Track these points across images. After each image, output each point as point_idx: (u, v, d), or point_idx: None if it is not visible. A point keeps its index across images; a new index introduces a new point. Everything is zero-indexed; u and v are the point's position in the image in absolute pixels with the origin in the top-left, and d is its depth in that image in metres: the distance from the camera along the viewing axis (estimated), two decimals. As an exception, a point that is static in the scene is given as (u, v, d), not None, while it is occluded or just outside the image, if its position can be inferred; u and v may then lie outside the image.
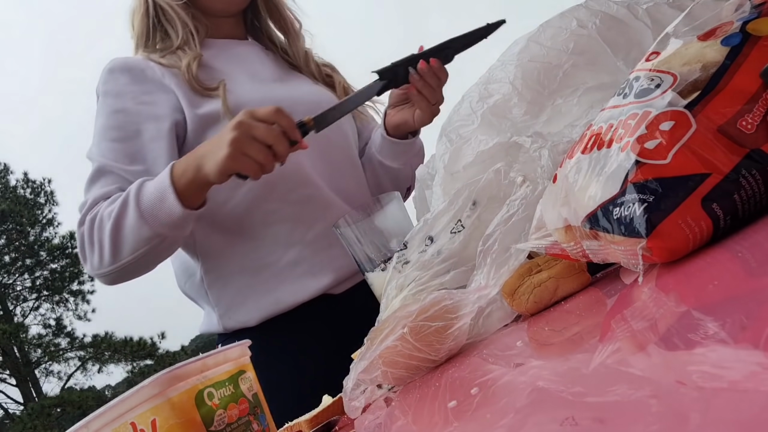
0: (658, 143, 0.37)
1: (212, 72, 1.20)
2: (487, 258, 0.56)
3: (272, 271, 1.16)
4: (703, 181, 0.36)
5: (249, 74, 1.24)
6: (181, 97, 1.15)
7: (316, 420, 0.71)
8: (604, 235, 0.41)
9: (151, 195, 1.02)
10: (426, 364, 0.57)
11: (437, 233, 0.69)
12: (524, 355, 0.42)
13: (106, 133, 1.15)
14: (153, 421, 0.53)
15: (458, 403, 0.38)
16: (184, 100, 1.15)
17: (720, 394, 0.20)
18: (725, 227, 0.37)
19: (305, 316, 1.16)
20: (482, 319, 0.61)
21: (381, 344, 0.56)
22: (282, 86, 1.26)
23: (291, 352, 1.15)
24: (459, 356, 0.58)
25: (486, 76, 0.79)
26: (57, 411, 15.99)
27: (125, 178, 1.11)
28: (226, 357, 0.63)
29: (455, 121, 0.79)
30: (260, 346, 0.82)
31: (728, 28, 0.39)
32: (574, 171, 0.44)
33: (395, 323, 0.56)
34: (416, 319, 0.54)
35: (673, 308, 0.32)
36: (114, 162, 1.12)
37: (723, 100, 0.37)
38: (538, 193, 0.58)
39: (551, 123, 0.72)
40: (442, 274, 0.67)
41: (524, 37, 0.78)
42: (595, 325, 0.37)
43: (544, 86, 0.73)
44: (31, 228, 18.42)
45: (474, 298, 0.54)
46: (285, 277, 1.16)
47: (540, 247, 0.50)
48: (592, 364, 0.31)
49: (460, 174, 0.74)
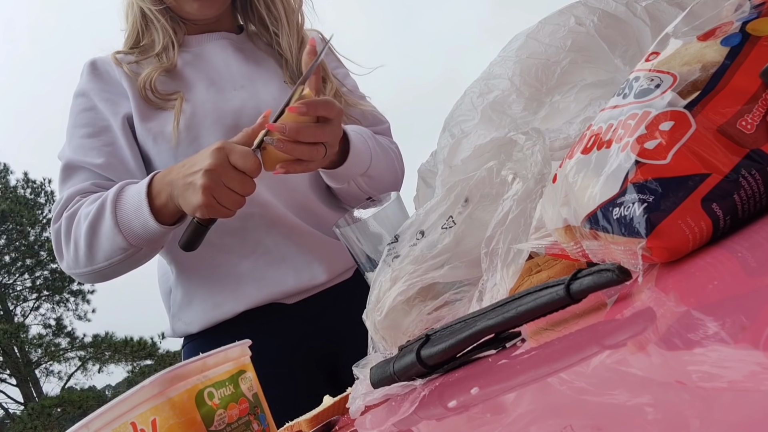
0: (658, 143, 0.37)
1: (173, 81, 1.17)
2: (496, 260, 0.56)
3: (222, 279, 1.15)
4: (702, 181, 0.36)
5: (209, 81, 1.19)
6: (134, 107, 1.14)
7: (316, 420, 0.71)
8: (604, 235, 0.41)
9: (128, 205, 1.01)
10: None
11: (428, 228, 0.69)
12: (524, 355, 0.42)
13: (75, 131, 1.15)
14: (153, 420, 0.54)
15: (458, 403, 0.38)
16: (136, 111, 1.14)
17: (720, 394, 0.20)
18: (725, 227, 0.37)
19: (251, 324, 1.14)
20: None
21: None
22: (242, 93, 1.18)
23: None
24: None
25: (487, 72, 0.79)
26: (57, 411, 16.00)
27: (96, 173, 1.11)
28: (226, 357, 0.63)
29: (458, 115, 0.79)
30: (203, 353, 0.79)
31: (728, 28, 0.39)
32: (574, 171, 0.44)
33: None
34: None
35: (673, 308, 0.32)
36: (83, 157, 1.12)
37: (723, 100, 0.37)
38: (530, 190, 0.58)
39: (549, 119, 0.72)
40: (437, 268, 0.67)
41: (523, 33, 0.79)
42: (594, 325, 0.37)
43: (542, 83, 0.73)
44: (31, 228, 18.40)
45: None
46: (233, 286, 1.14)
47: (540, 247, 0.50)
48: (592, 364, 0.31)
49: (459, 167, 0.74)
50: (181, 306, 1.18)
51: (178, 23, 1.21)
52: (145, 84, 1.13)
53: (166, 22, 1.18)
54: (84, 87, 1.17)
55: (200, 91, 1.17)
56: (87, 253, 1.05)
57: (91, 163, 1.11)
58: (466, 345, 0.46)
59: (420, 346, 0.50)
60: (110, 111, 1.14)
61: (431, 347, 0.48)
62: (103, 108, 1.15)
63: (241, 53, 1.25)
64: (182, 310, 1.18)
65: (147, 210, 0.99)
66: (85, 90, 1.17)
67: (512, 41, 0.79)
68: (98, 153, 1.12)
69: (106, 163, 1.11)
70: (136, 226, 1.01)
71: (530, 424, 0.28)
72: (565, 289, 0.39)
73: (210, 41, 1.25)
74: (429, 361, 0.48)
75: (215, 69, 1.21)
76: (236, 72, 1.21)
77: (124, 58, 1.19)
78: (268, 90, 1.20)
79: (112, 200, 1.02)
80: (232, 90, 1.18)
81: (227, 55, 1.23)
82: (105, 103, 1.15)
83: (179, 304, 1.18)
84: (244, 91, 1.19)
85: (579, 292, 0.39)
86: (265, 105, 1.14)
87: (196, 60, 1.21)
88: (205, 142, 1.11)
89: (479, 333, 0.45)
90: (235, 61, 1.23)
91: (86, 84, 1.17)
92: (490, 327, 0.44)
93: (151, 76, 1.14)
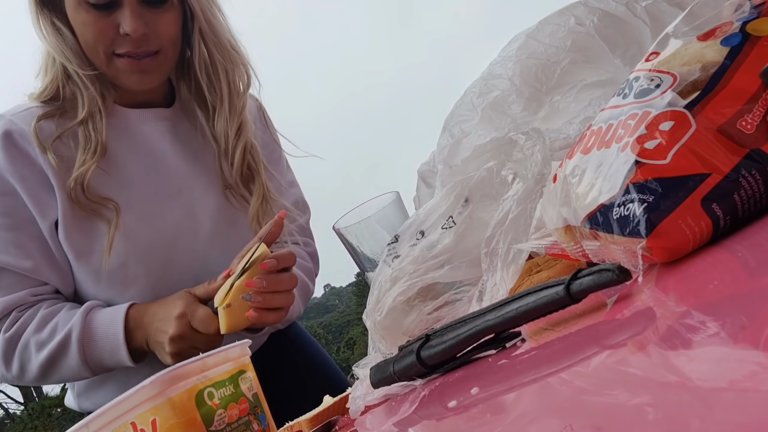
0: (658, 143, 0.37)
1: (106, 175, 1.02)
2: (496, 260, 0.56)
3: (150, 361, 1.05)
4: (702, 181, 0.36)
5: (145, 174, 1.06)
6: (60, 208, 0.99)
7: (316, 420, 0.71)
8: (604, 235, 0.41)
9: (101, 344, 0.97)
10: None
11: (428, 228, 0.69)
12: (524, 355, 0.42)
13: None
14: (153, 420, 0.54)
15: (458, 403, 0.38)
16: (61, 213, 0.99)
17: (720, 394, 0.20)
18: (725, 227, 0.37)
19: None
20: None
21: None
22: (178, 203, 1.06)
23: None
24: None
25: (487, 72, 0.79)
26: (57, 411, 15.99)
27: (27, 277, 1.00)
28: (226, 357, 0.63)
29: (458, 115, 0.79)
30: None
31: (728, 28, 0.39)
32: (574, 171, 0.44)
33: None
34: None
35: (673, 308, 0.32)
36: (7, 257, 0.98)
37: (723, 100, 0.37)
38: (530, 190, 0.58)
39: (549, 119, 0.72)
40: (437, 268, 0.67)
41: (523, 33, 0.79)
42: (594, 325, 0.38)
43: (542, 83, 0.73)
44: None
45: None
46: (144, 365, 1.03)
47: (540, 247, 0.50)
48: (592, 364, 0.31)
49: (458, 167, 0.74)
50: (89, 385, 1.10)
51: (108, 89, 1.05)
52: (77, 182, 0.98)
53: (95, 89, 1.01)
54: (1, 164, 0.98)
55: (135, 198, 1.03)
56: (37, 376, 1.00)
57: (19, 267, 0.99)
58: (466, 345, 0.46)
59: (420, 346, 0.50)
60: (33, 205, 0.99)
61: (431, 347, 0.48)
62: (26, 198, 0.99)
63: (177, 138, 1.12)
64: (91, 390, 1.10)
65: (125, 353, 0.96)
66: (2, 168, 0.98)
67: (512, 41, 0.79)
68: (25, 252, 0.99)
69: (36, 267, 0.99)
70: (108, 362, 0.98)
71: (530, 424, 0.28)
72: (565, 289, 0.39)
73: (145, 121, 1.10)
74: (429, 361, 0.49)
75: (151, 158, 1.08)
76: (173, 166, 1.09)
77: (45, 128, 1.00)
78: (206, 202, 1.09)
79: (78, 337, 0.96)
80: (168, 198, 1.06)
81: (164, 141, 1.10)
82: (28, 194, 0.98)
83: (87, 383, 1.10)
84: (181, 199, 1.07)
85: (579, 292, 0.39)
86: (203, 227, 1.07)
87: (128, 138, 1.07)
88: (131, 276, 1.02)
89: (479, 333, 0.45)
90: (172, 150, 1.10)
91: (1, 162, 0.98)
92: (490, 327, 0.44)
93: (85, 174, 0.98)
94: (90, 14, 0.96)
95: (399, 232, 0.72)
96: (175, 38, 1.03)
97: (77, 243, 1.00)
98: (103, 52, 0.99)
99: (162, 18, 1.00)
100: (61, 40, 1.00)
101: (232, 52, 1.10)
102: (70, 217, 0.99)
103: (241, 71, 1.12)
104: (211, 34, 1.07)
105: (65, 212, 0.99)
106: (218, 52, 1.08)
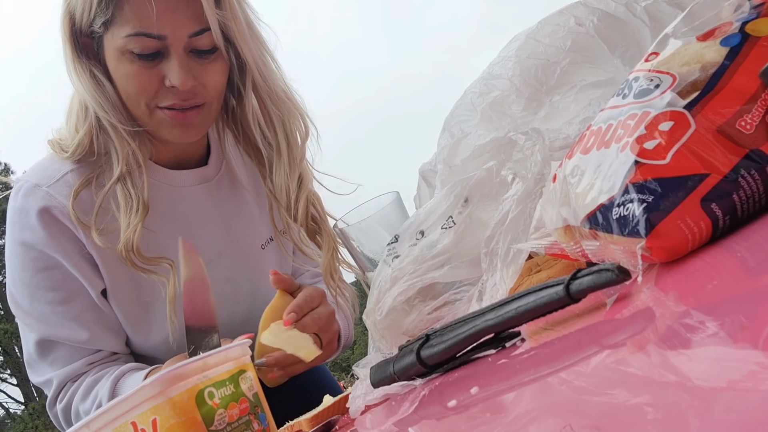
0: (658, 143, 0.37)
1: (153, 234, 0.97)
2: (495, 260, 0.56)
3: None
4: (702, 181, 0.36)
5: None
6: (106, 277, 0.97)
7: (316, 419, 0.71)
8: (603, 235, 0.41)
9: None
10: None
11: (428, 228, 0.70)
12: (524, 355, 0.42)
13: (38, 294, 0.96)
14: (154, 420, 0.54)
15: (458, 403, 0.38)
16: (110, 285, 0.97)
17: (720, 394, 0.20)
18: (724, 227, 0.37)
19: None
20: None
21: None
22: (218, 268, 1.03)
23: None
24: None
25: (486, 72, 0.79)
26: (57, 410, 15.94)
27: (83, 348, 0.99)
28: (226, 356, 0.63)
29: (458, 115, 0.79)
30: None
31: (727, 28, 0.39)
32: (574, 171, 0.44)
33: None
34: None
35: (673, 308, 0.32)
36: (61, 332, 0.97)
37: (722, 100, 0.37)
38: (530, 190, 0.58)
39: (549, 119, 0.72)
40: (437, 268, 0.67)
41: (523, 33, 0.79)
42: (594, 325, 0.38)
43: (541, 83, 0.74)
44: (31, 227, 18.34)
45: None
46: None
47: (539, 247, 0.50)
48: (591, 364, 0.31)
49: (458, 167, 0.74)
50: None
51: (145, 143, 0.98)
52: (127, 248, 0.92)
53: (134, 144, 0.95)
54: (38, 240, 0.94)
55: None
56: None
57: (75, 339, 0.97)
58: (466, 345, 0.46)
59: (420, 346, 0.50)
60: (81, 275, 0.96)
61: (431, 347, 0.49)
62: (72, 270, 0.96)
63: (219, 200, 1.07)
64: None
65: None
66: (39, 244, 0.94)
67: (512, 41, 0.79)
68: (79, 324, 0.97)
69: (91, 338, 0.98)
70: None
71: (530, 424, 0.28)
72: (565, 289, 0.39)
73: (185, 183, 1.04)
74: (429, 361, 0.49)
75: (188, 224, 1.03)
76: (213, 231, 1.04)
77: (84, 200, 0.95)
78: (246, 263, 1.06)
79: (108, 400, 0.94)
80: (207, 264, 0.95)
81: (205, 204, 1.05)
82: (73, 266, 0.95)
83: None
84: (221, 264, 1.03)
85: (578, 292, 0.39)
86: (242, 291, 1.05)
87: (165, 200, 1.02)
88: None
89: (479, 333, 0.45)
90: (213, 212, 1.06)
91: (42, 239, 0.94)
92: (490, 327, 0.44)
93: (131, 238, 0.92)
94: (134, 65, 0.90)
95: (399, 232, 0.72)
96: (221, 90, 0.98)
97: (131, 314, 0.99)
98: (145, 105, 0.93)
99: (209, 69, 0.94)
100: (100, 92, 0.93)
101: (288, 102, 1.03)
102: (116, 276, 0.97)
103: (298, 121, 1.05)
104: (264, 85, 1.00)
105: (110, 276, 0.97)
106: (273, 103, 1.02)
